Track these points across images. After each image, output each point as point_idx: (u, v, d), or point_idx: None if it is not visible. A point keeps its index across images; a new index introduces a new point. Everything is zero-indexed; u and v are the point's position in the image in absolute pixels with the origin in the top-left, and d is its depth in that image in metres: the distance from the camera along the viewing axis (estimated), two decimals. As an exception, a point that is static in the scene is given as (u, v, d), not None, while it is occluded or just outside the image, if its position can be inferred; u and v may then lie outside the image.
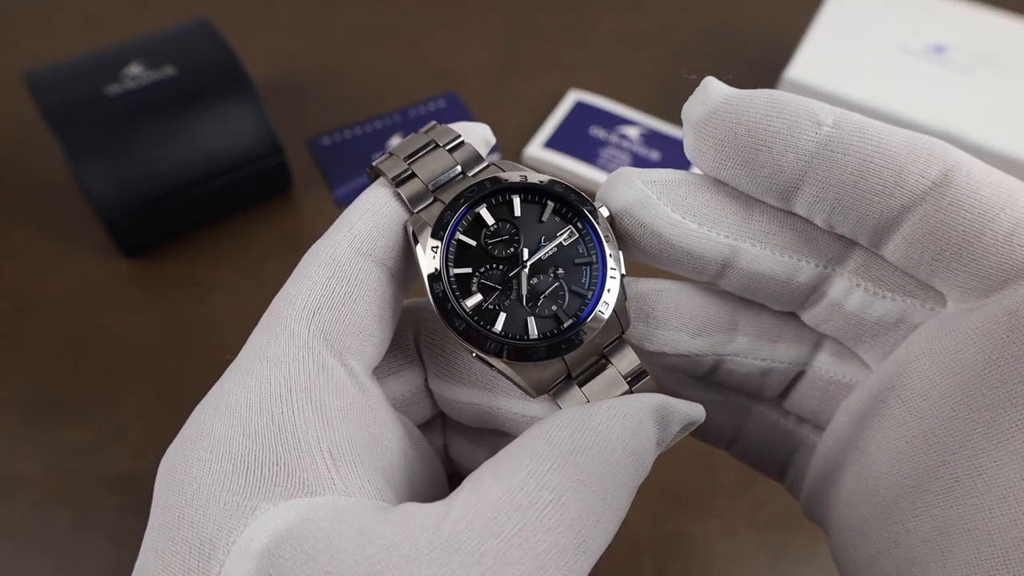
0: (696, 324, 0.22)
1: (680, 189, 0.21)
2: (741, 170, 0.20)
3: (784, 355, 0.23)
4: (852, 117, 0.19)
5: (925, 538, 0.18)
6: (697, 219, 0.21)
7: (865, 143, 0.18)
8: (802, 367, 0.23)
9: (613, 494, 0.17)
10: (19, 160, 0.54)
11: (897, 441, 0.20)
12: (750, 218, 0.21)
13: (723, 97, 0.20)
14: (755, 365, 0.23)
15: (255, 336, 0.19)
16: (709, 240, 0.21)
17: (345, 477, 0.18)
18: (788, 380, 0.23)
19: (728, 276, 0.21)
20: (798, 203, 0.20)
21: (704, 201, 0.21)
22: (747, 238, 0.21)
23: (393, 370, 0.22)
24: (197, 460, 0.17)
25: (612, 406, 0.18)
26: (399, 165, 0.21)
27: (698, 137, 0.20)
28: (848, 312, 0.21)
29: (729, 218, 0.21)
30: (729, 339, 0.23)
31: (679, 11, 0.67)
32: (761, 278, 0.21)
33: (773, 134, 0.19)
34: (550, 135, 0.56)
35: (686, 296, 0.23)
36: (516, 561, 0.15)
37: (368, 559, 0.15)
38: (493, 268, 0.20)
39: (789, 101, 0.19)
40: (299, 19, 0.65)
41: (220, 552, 0.16)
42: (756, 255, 0.21)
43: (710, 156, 0.20)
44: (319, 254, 0.20)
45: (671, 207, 0.21)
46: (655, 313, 0.22)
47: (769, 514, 0.40)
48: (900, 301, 0.20)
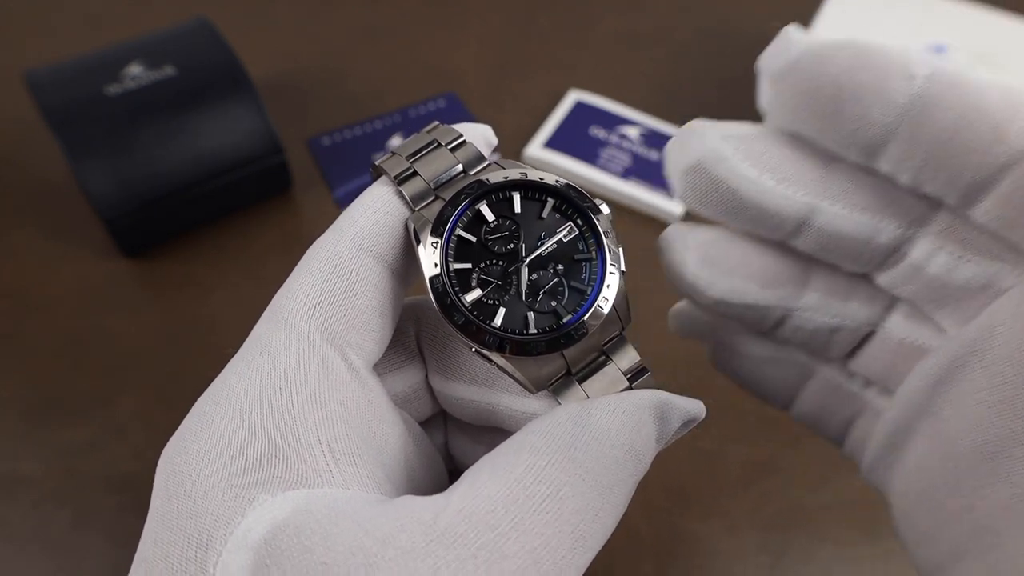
0: (767, 275, 0.22)
1: (757, 144, 0.20)
2: (823, 124, 0.19)
3: (855, 314, 0.22)
4: (947, 69, 0.18)
5: (1003, 505, 0.18)
6: (774, 176, 0.20)
7: (962, 97, 0.17)
8: (873, 327, 0.22)
9: (611, 490, 0.17)
10: (19, 160, 0.54)
11: (978, 406, 0.19)
12: (829, 176, 0.20)
13: (807, 46, 0.18)
14: (824, 322, 0.22)
15: (257, 329, 0.19)
16: (786, 198, 0.20)
17: (344, 470, 0.18)
18: (857, 340, 0.23)
19: (804, 236, 0.20)
20: (883, 160, 0.19)
21: (782, 157, 0.20)
22: (826, 197, 0.20)
23: (394, 366, 0.22)
24: (197, 451, 0.17)
25: (611, 402, 0.18)
26: (401, 164, 0.21)
27: (778, 89, 0.19)
28: (930, 276, 0.20)
29: (807, 175, 0.20)
30: (799, 293, 0.22)
31: (679, 11, 0.67)
32: (839, 239, 0.20)
33: (861, 86, 0.18)
34: (550, 135, 0.56)
35: (757, 246, 0.22)
36: (513, 555, 0.15)
37: (364, 551, 0.15)
38: (493, 264, 0.20)
39: (880, 52, 0.18)
40: (299, 19, 0.65)
41: (218, 542, 0.16)
42: (835, 215, 0.20)
43: (790, 110, 0.19)
44: (321, 250, 0.20)
45: (747, 163, 0.20)
46: (724, 260, 0.21)
47: (771, 513, 0.40)
48: (988, 265, 0.19)
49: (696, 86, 0.60)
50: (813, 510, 0.40)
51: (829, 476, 0.41)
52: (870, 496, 0.40)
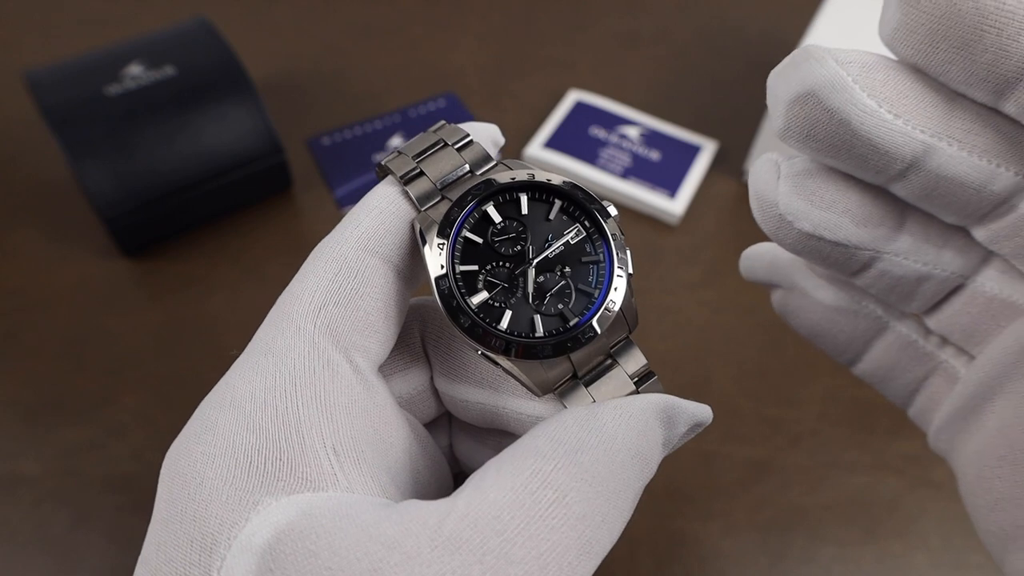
0: (863, 212, 0.20)
1: (879, 74, 0.18)
2: (955, 55, 0.17)
3: (948, 263, 0.21)
4: None
5: None
6: (894, 109, 0.18)
7: None
8: (964, 280, 0.21)
9: (618, 495, 0.17)
10: (19, 160, 0.54)
11: None
12: (951, 114, 0.18)
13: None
14: (913, 268, 0.21)
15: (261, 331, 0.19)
16: (903, 135, 0.18)
17: (348, 473, 0.18)
18: (945, 291, 0.22)
19: (910, 178, 0.19)
20: (1013, 99, 0.17)
21: (903, 90, 0.18)
22: (945, 136, 0.18)
23: (399, 368, 0.22)
24: (200, 454, 0.17)
25: (618, 406, 0.18)
26: (407, 163, 0.21)
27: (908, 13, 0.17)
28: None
29: (928, 111, 0.18)
30: (893, 237, 0.21)
31: (679, 11, 0.67)
32: (950, 183, 0.19)
33: (1006, 13, 0.16)
34: (550, 135, 0.56)
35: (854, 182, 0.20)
36: (519, 561, 0.15)
37: (369, 556, 0.15)
38: (499, 266, 0.20)
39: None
40: (299, 19, 0.65)
41: (221, 546, 0.16)
42: (951, 156, 0.18)
43: (920, 37, 0.18)
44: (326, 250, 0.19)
45: (866, 93, 0.18)
46: (820, 192, 0.20)
47: (770, 514, 0.40)
48: None
49: (696, 86, 0.60)
50: (813, 510, 0.40)
51: (828, 476, 0.41)
52: (869, 496, 0.40)
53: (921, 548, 0.39)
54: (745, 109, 0.58)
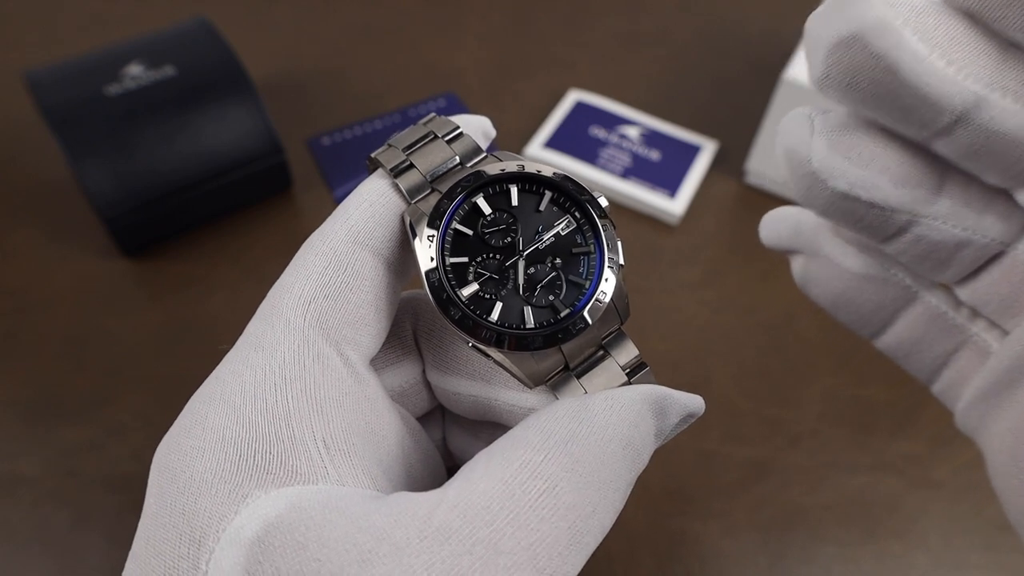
0: (902, 172, 0.19)
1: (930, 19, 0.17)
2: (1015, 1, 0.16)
3: (989, 228, 0.20)
4: None
5: None
6: (945, 57, 0.17)
7: None
8: (1004, 247, 0.20)
9: (609, 485, 0.17)
10: (19, 160, 0.54)
11: None
12: (1005, 64, 0.17)
13: None
14: (952, 234, 0.20)
15: (251, 325, 0.19)
16: (954, 84, 0.17)
17: (339, 466, 0.18)
18: (984, 259, 0.21)
19: (957, 134, 0.18)
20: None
21: (955, 37, 0.17)
22: (999, 88, 0.17)
23: (390, 361, 0.22)
24: (190, 448, 0.17)
25: (609, 397, 0.18)
26: (397, 156, 0.21)
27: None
28: None
29: (981, 61, 0.17)
30: (932, 199, 0.20)
31: (679, 11, 0.67)
32: (1000, 139, 0.18)
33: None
34: (550, 135, 0.56)
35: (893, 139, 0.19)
36: (508, 551, 0.15)
37: (358, 547, 0.15)
38: (490, 257, 0.20)
39: None
40: (299, 19, 0.65)
41: (210, 539, 0.16)
42: (1004, 109, 0.17)
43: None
44: (316, 244, 0.19)
45: (917, 37, 0.17)
46: (858, 148, 0.19)
47: (770, 514, 0.40)
48: None
49: (696, 86, 0.60)
50: (813, 510, 0.40)
51: (828, 476, 0.41)
52: (869, 496, 0.40)
53: (921, 548, 0.39)
54: (745, 109, 0.58)
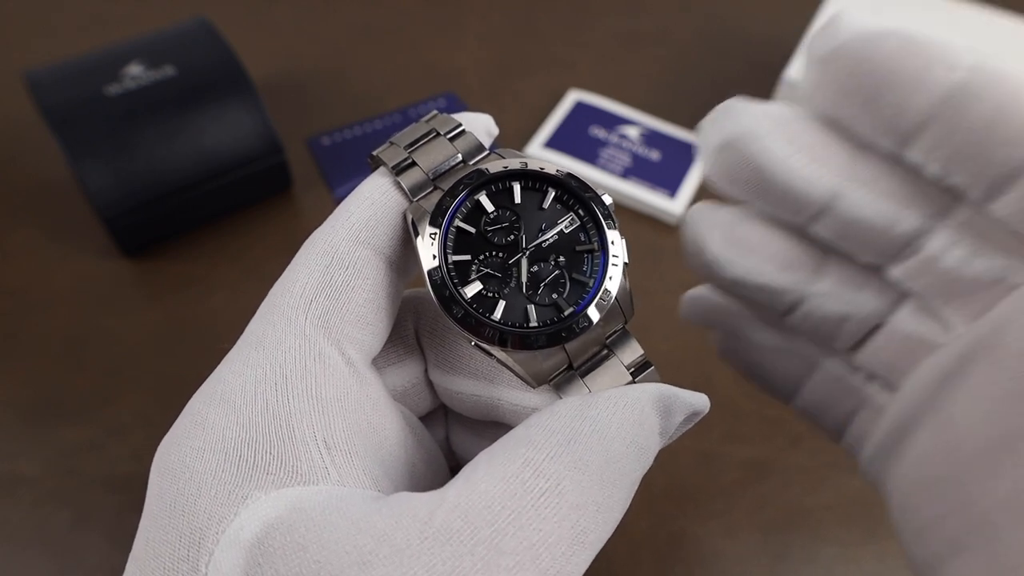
0: (784, 257, 0.22)
1: (790, 125, 0.20)
2: (861, 109, 0.19)
3: (866, 304, 0.22)
4: (988, 63, 0.18)
5: (1002, 499, 0.18)
6: (805, 157, 0.20)
7: (1001, 90, 0.18)
8: (881, 319, 0.23)
9: (614, 485, 0.17)
10: (19, 160, 0.54)
11: (984, 401, 0.19)
12: (857, 161, 0.20)
13: (854, 32, 0.19)
14: (835, 310, 0.22)
15: (252, 324, 0.19)
16: (813, 180, 0.20)
17: (340, 467, 0.18)
18: (865, 330, 0.23)
19: (824, 220, 0.21)
20: (914, 149, 0.19)
21: (814, 140, 0.20)
22: (852, 181, 0.20)
23: (392, 360, 0.22)
24: (190, 448, 0.17)
25: (613, 395, 0.18)
26: (399, 154, 0.20)
27: (821, 72, 0.19)
28: (944, 268, 0.20)
29: (837, 159, 0.20)
30: (814, 279, 0.22)
31: (679, 11, 0.67)
32: (859, 225, 0.21)
33: (903, 74, 0.18)
34: (550, 135, 0.56)
35: (776, 228, 0.22)
36: (511, 551, 0.15)
37: (359, 549, 0.15)
38: (493, 256, 0.20)
39: (924, 42, 0.18)
40: (299, 19, 0.65)
41: (209, 541, 0.16)
42: (859, 200, 0.20)
43: (831, 93, 0.19)
44: (317, 242, 0.19)
45: (780, 142, 0.20)
46: (746, 239, 0.22)
47: (771, 515, 0.40)
48: (1002, 260, 0.20)
49: (696, 86, 0.60)
50: (813, 511, 0.40)
51: (829, 476, 0.41)
52: (870, 496, 0.40)
53: (922, 548, 0.39)
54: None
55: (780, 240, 0.22)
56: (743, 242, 0.22)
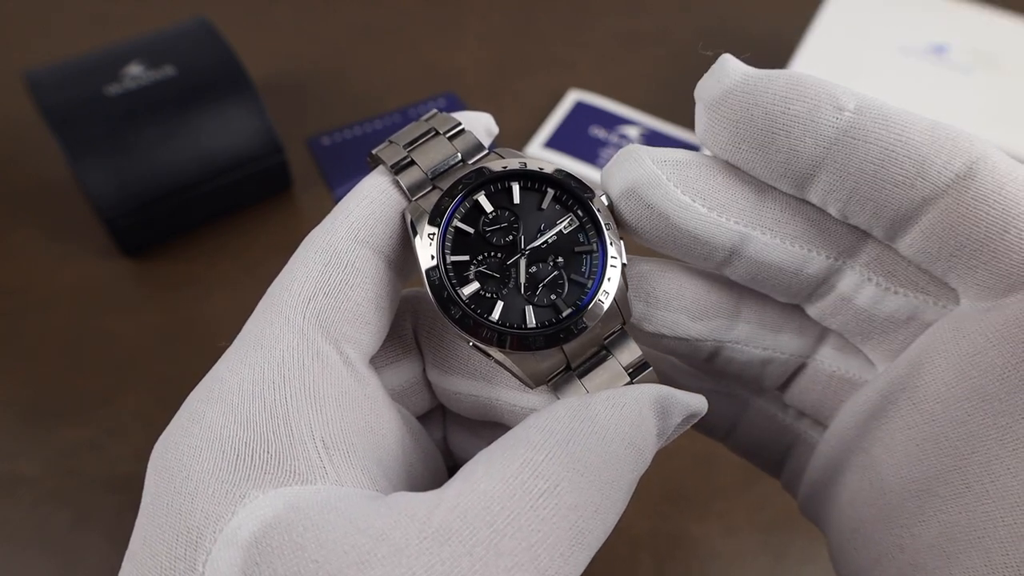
0: (698, 307, 0.22)
1: (691, 171, 0.20)
2: (755, 154, 0.19)
3: (786, 346, 0.22)
4: (875, 103, 0.18)
5: (931, 543, 0.18)
6: (707, 203, 0.20)
7: (887, 131, 0.18)
8: (804, 359, 0.23)
9: (612, 485, 0.17)
10: (19, 160, 0.54)
11: (906, 443, 0.19)
12: (762, 205, 0.20)
13: (740, 76, 0.19)
14: (755, 354, 0.22)
15: (250, 323, 0.19)
16: (718, 226, 0.20)
17: (338, 466, 0.18)
18: (789, 372, 0.23)
19: (735, 264, 0.21)
20: (813, 191, 0.19)
21: (715, 185, 0.20)
22: (757, 225, 0.20)
23: (390, 360, 0.22)
24: (187, 447, 0.17)
25: (611, 396, 0.18)
26: (398, 153, 0.20)
27: (712, 117, 0.19)
28: (857, 307, 0.20)
29: (740, 203, 0.20)
30: (730, 326, 0.22)
31: (679, 11, 0.67)
32: (769, 268, 0.20)
33: (791, 117, 0.18)
34: (550, 135, 0.56)
35: (689, 278, 0.22)
36: (509, 552, 0.15)
37: (357, 549, 0.15)
38: (491, 256, 0.20)
39: (810, 84, 0.18)
40: (299, 19, 0.65)
41: (207, 540, 0.16)
42: (766, 244, 0.20)
43: (724, 138, 0.19)
44: (315, 241, 0.19)
45: (680, 189, 0.20)
46: (656, 293, 0.22)
47: (770, 515, 0.40)
48: (912, 297, 0.20)
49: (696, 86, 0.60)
50: (813, 510, 0.40)
51: (829, 476, 0.41)
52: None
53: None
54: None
55: (693, 288, 0.22)
56: (653, 296, 0.22)
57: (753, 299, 0.22)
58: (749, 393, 0.25)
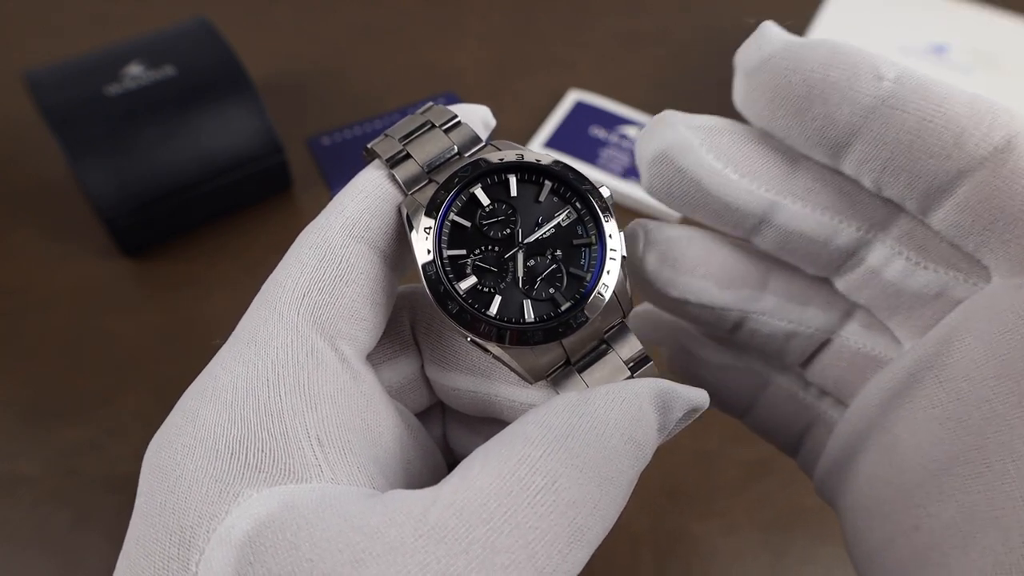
0: (725, 276, 0.22)
1: (724, 137, 0.20)
2: (792, 121, 0.19)
3: (812, 320, 0.22)
4: (915, 74, 0.18)
5: (948, 523, 0.18)
6: (739, 169, 0.20)
7: (927, 101, 0.17)
8: (829, 335, 0.22)
9: (611, 481, 0.16)
10: (19, 160, 0.54)
11: (929, 422, 0.19)
12: (794, 173, 0.20)
13: (782, 43, 0.19)
14: (780, 327, 0.22)
15: (244, 320, 0.19)
16: (749, 192, 0.20)
17: (333, 464, 0.17)
18: (813, 347, 0.23)
19: (764, 233, 0.21)
20: (847, 160, 0.19)
21: (747, 152, 0.20)
22: (788, 194, 0.20)
23: (388, 357, 0.22)
24: (181, 446, 0.17)
25: (611, 391, 0.18)
26: (394, 146, 0.20)
27: (750, 84, 0.19)
28: (886, 281, 0.20)
29: (772, 171, 0.20)
30: (757, 296, 0.22)
31: (679, 11, 0.67)
32: (799, 237, 0.20)
33: (830, 85, 0.18)
34: (550, 135, 0.56)
35: (718, 246, 0.22)
36: (506, 549, 0.15)
37: (352, 547, 0.15)
38: (488, 250, 0.20)
39: (851, 53, 0.18)
40: (299, 19, 0.65)
41: (200, 539, 0.16)
42: (796, 213, 0.20)
43: (761, 105, 0.19)
44: (310, 237, 0.19)
45: (713, 155, 0.20)
46: (683, 259, 0.21)
47: (770, 513, 0.40)
48: (943, 273, 0.20)
49: (696, 86, 0.60)
50: (813, 510, 0.40)
51: (830, 476, 0.41)
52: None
53: (922, 547, 0.39)
54: (745, 109, 0.58)
55: (721, 257, 0.22)
56: (680, 261, 0.21)
57: (781, 271, 0.22)
58: (770, 370, 0.25)
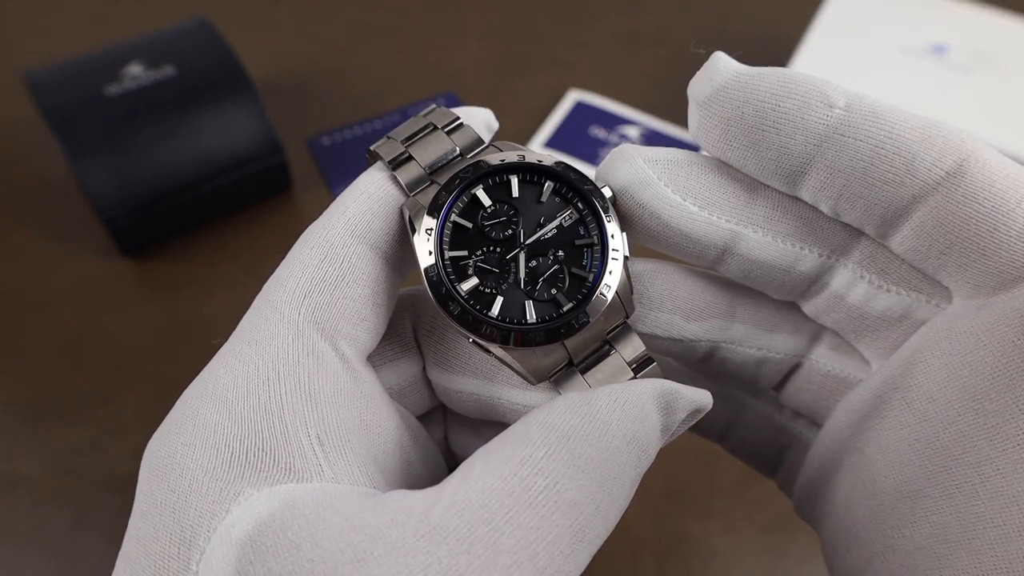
0: (692, 308, 0.22)
1: (682, 170, 0.20)
2: (747, 152, 0.19)
3: (781, 345, 0.22)
4: (865, 100, 0.18)
5: (921, 544, 0.18)
6: (698, 201, 0.20)
7: (877, 128, 0.18)
8: (799, 359, 0.23)
9: (613, 482, 0.16)
10: (19, 160, 0.54)
11: (898, 444, 0.19)
12: (753, 203, 0.20)
13: (732, 74, 0.19)
14: (750, 354, 0.22)
15: (245, 319, 0.19)
16: (709, 224, 0.20)
17: (334, 463, 0.17)
18: (784, 372, 0.23)
19: (727, 262, 0.21)
20: (804, 188, 0.19)
21: (706, 183, 0.20)
22: (749, 223, 0.20)
23: (389, 358, 0.22)
24: (181, 445, 0.17)
25: (613, 392, 0.17)
26: (396, 148, 0.20)
27: (704, 115, 0.19)
28: (850, 304, 0.20)
29: (731, 202, 0.20)
30: (725, 326, 0.22)
31: (679, 11, 0.67)
32: (761, 265, 0.20)
33: (782, 115, 0.18)
34: (550, 135, 0.56)
35: (683, 279, 0.22)
36: (507, 550, 0.15)
37: (353, 547, 0.15)
38: (490, 251, 0.20)
39: (801, 81, 0.18)
40: (299, 19, 0.65)
41: (200, 539, 0.16)
42: (757, 242, 0.20)
43: (715, 136, 0.19)
44: (312, 237, 0.19)
45: (671, 188, 0.20)
46: (650, 294, 0.21)
47: (771, 514, 0.40)
48: (905, 295, 0.20)
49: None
50: (814, 510, 0.40)
51: (830, 476, 0.41)
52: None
53: (922, 548, 0.39)
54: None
55: (687, 289, 0.22)
56: (645, 296, 0.21)
57: (748, 299, 0.22)
58: (745, 394, 0.25)
